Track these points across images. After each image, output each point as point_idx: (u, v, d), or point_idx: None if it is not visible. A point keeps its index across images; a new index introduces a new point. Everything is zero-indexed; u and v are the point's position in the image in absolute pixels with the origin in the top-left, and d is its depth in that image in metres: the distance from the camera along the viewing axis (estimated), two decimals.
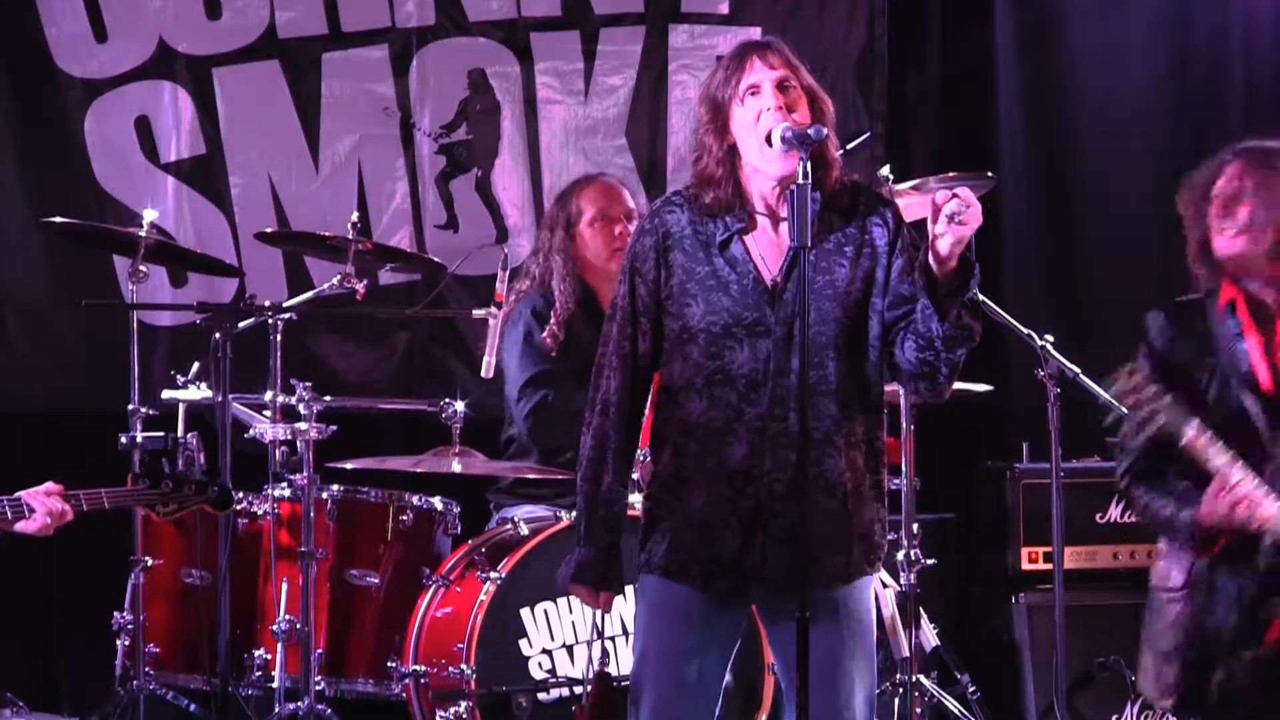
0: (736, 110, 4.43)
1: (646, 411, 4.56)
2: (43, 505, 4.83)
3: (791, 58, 4.46)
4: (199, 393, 6.31)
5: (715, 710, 4.52)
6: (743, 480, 4.40)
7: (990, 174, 6.69)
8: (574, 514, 4.59)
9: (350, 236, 6.18)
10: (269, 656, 6.11)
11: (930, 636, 6.50)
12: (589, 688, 5.62)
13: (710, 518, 4.42)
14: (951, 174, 6.59)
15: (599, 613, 5.53)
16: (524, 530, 6.07)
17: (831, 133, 4.40)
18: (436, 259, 6.81)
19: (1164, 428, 4.49)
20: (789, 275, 4.40)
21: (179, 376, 6.39)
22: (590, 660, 5.80)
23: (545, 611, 5.94)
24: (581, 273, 6.39)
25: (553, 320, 6.30)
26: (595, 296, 6.36)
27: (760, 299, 4.40)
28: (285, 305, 6.18)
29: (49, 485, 4.87)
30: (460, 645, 5.87)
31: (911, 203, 6.47)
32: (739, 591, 4.47)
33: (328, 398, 6.21)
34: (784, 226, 4.44)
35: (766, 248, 4.45)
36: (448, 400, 6.21)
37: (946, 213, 4.16)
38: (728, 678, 5.24)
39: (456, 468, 6.10)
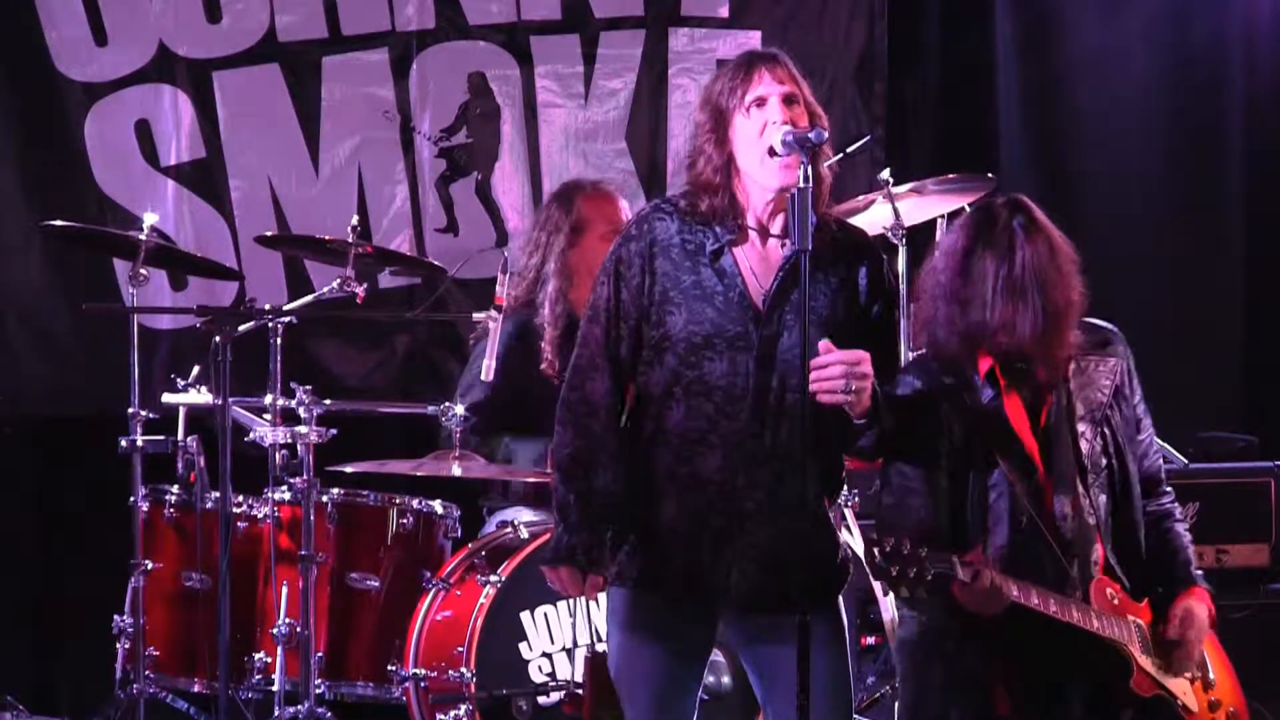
0: (740, 121, 4.40)
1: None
2: None
3: (796, 72, 4.44)
4: (199, 396, 6.30)
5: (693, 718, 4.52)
6: (715, 493, 4.37)
7: (990, 175, 6.67)
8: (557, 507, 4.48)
9: (350, 240, 6.16)
10: (269, 660, 6.11)
11: None
12: (584, 678, 5.56)
13: (681, 529, 4.39)
14: (951, 175, 6.59)
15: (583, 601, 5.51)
16: (524, 534, 6.07)
17: (826, 148, 4.38)
18: (436, 262, 6.79)
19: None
20: (778, 293, 4.38)
21: (179, 380, 6.38)
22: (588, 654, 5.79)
23: (545, 615, 5.94)
24: (573, 282, 6.32)
25: (547, 350, 6.25)
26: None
27: (745, 314, 4.38)
28: (285, 309, 6.17)
29: None
30: (460, 649, 5.87)
31: (912, 206, 6.48)
32: (708, 605, 4.45)
33: (328, 401, 6.21)
34: (773, 242, 4.43)
35: (756, 262, 4.42)
36: (448, 404, 6.21)
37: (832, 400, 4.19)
38: (726, 679, 5.25)
39: (456, 471, 6.09)
